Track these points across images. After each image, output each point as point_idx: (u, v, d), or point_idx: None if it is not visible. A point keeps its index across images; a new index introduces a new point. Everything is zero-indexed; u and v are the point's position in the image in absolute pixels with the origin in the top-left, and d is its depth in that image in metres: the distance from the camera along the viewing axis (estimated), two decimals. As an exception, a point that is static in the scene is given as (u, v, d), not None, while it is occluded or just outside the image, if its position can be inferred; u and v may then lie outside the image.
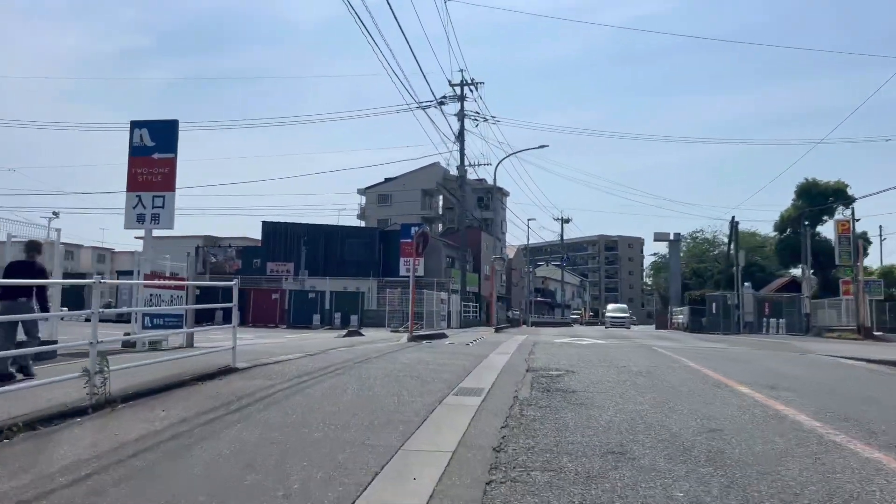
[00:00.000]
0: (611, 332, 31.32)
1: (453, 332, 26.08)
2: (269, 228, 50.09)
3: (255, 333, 23.67)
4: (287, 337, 21.35)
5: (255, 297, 31.45)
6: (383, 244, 50.94)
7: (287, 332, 28.11)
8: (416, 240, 19.44)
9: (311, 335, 24.25)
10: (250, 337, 20.71)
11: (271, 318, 31.21)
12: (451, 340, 19.77)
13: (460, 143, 39.72)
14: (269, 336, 22.30)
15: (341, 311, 31.23)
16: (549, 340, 20.16)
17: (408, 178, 69.55)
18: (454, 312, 32.91)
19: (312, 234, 49.65)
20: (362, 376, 8.97)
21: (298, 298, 31.52)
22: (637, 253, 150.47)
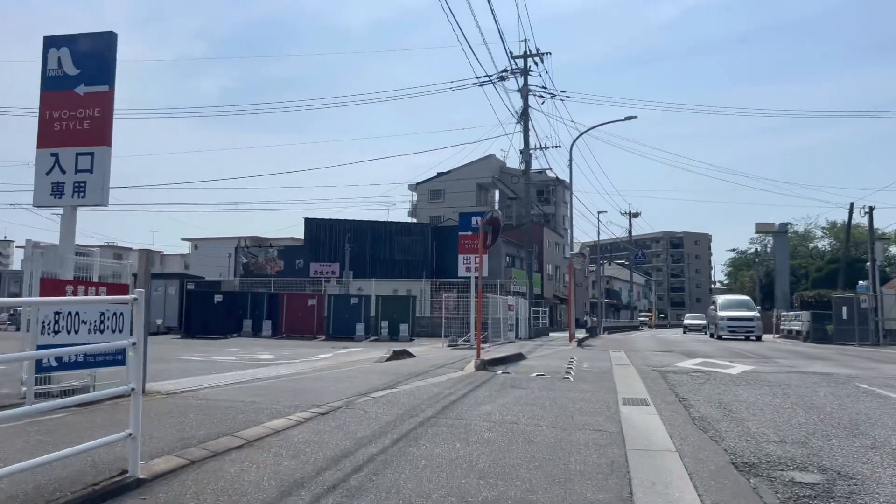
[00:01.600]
0: (732, 346, 24.26)
1: (527, 348, 20.85)
2: (313, 226, 45.82)
3: (282, 349, 19.02)
4: (317, 358, 16.60)
5: (290, 302, 26.90)
6: (436, 242, 46.09)
7: (324, 344, 23.41)
8: (484, 227, 14.34)
9: (351, 351, 19.43)
10: (269, 357, 16.00)
11: (308, 327, 26.59)
12: (533, 363, 14.58)
13: (524, 123, 34.52)
14: (297, 353, 17.58)
15: (389, 318, 26.41)
16: (670, 365, 14.77)
17: (462, 171, 64.43)
18: (522, 320, 27.67)
19: (358, 232, 45.14)
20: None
21: (339, 304, 26.80)
22: (704, 250, 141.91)
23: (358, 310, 26.73)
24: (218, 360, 14.73)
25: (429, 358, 15.53)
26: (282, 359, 15.60)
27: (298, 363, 14.16)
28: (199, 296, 25.59)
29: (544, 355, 17.32)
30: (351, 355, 17.01)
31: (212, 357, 15.72)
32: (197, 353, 16.72)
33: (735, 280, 70.12)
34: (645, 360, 16.03)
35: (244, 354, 16.97)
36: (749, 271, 62.73)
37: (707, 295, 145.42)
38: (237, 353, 17.64)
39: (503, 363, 13.98)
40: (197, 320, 25.10)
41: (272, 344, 22.82)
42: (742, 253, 72.63)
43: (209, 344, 22.00)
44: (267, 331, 26.61)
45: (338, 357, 16.50)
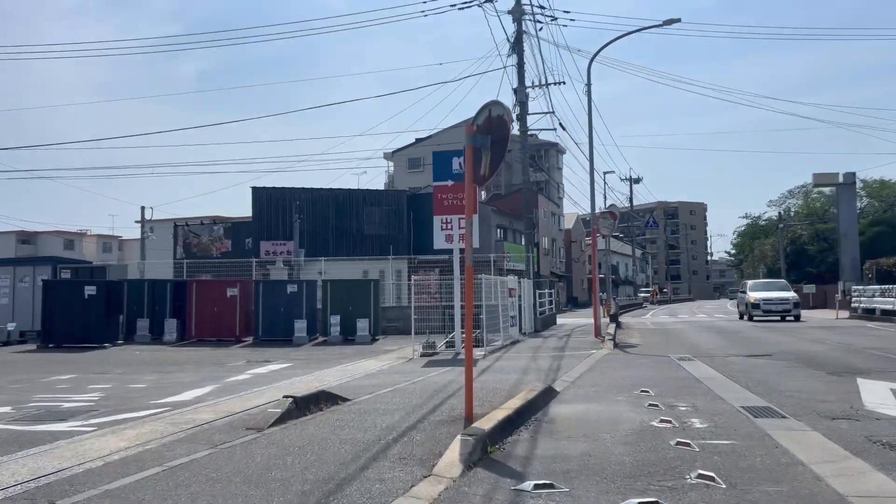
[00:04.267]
0: (779, 331, 17.43)
1: (544, 360, 13.39)
2: (262, 197, 37.98)
3: (145, 374, 11.44)
4: (198, 394, 9.10)
5: (202, 293, 19.18)
6: (413, 212, 38.48)
7: (241, 354, 15.80)
8: (478, 140, 6.76)
9: (259, 375, 11.94)
10: (73, 405, 8.38)
11: (227, 327, 18.96)
12: (586, 427, 7.03)
13: (517, 54, 26.75)
14: (162, 385, 10.01)
15: (342, 311, 18.86)
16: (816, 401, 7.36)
17: (443, 136, 56.57)
18: (526, 308, 20.17)
19: (317, 202, 37.39)
20: None
21: (272, 294, 19.16)
22: (699, 220, 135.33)
23: (297, 301, 19.10)
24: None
25: (374, 404, 8.02)
26: (89, 412, 7.99)
27: (151, 426, 6.56)
28: (63, 288, 17.84)
29: (591, 390, 9.82)
30: (232, 399, 9.38)
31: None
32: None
33: (747, 251, 62.95)
34: (807, 400, 8.57)
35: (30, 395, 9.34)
36: (769, 239, 55.61)
37: (703, 267, 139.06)
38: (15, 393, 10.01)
39: (515, 428, 6.46)
40: (60, 323, 17.35)
41: (161, 358, 15.14)
42: (754, 219, 65.39)
43: (58, 363, 14.31)
44: (170, 334, 18.93)
45: (211, 405, 8.93)
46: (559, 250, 60.31)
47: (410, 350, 14.70)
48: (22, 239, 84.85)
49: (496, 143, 7.09)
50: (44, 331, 17.49)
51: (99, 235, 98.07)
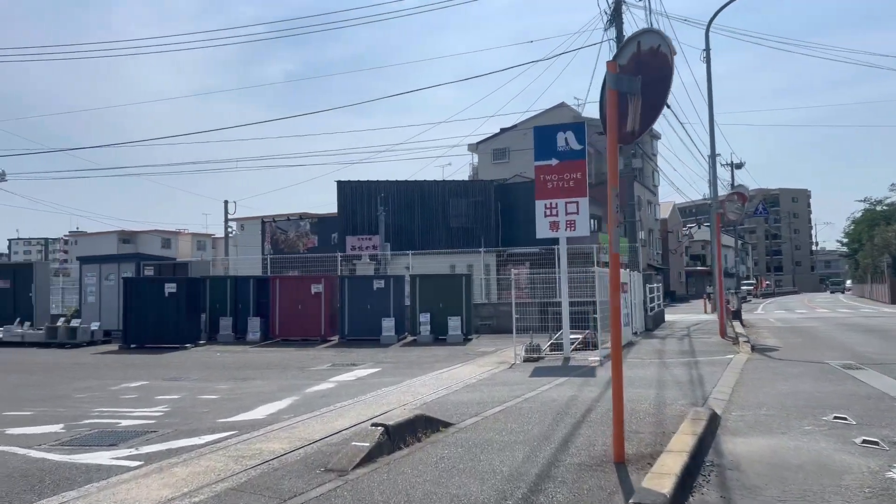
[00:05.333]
0: None
1: (678, 370, 11.36)
2: (347, 190, 37.05)
3: (227, 380, 10.21)
4: (273, 410, 7.74)
5: (285, 290, 18.08)
6: (501, 204, 36.70)
7: (325, 356, 14.51)
8: (624, 83, 4.92)
9: (344, 383, 10.51)
10: (135, 417, 7.07)
11: (312, 326, 17.78)
12: (755, 450, 5.08)
13: (616, 26, 24.51)
14: (240, 394, 8.71)
15: (432, 308, 17.33)
16: None
17: (528, 124, 54.49)
18: (636, 304, 18.00)
19: (402, 195, 36.14)
20: None
21: (358, 291, 17.85)
22: (802, 208, 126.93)
23: (385, 298, 17.69)
24: None
25: (484, 433, 6.38)
26: (153, 428, 6.69)
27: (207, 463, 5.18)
28: (143, 286, 17.09)
29: (761, 414, 7.80)
30: (312, 419, 7.90)
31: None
32: (35, 405, 8.06)
33: (864, 239, 57.33)
34: None
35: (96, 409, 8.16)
36: (893, 226, 50.31)
37: (807, 258, 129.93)
38: (94, 399, 8.86)
39: (694, 481, 4.57)
40: (140, 323, 16.59)
41: (242, 361, 14.03)
42: (874, 204, 59.54)
43: (133, 366, 13.41)
44: (254, 333, 17.94)
45: (286, 428, 7.46)
46: (656, 241, 57.03)
47: (511, 353, 12.94)
48: (123, 238, 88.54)
49: (650, 85, 5.22)
50: (125, 330, 16.81)
51: (193, 234, 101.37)
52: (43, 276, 21.02)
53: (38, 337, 17.21)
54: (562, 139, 12.54)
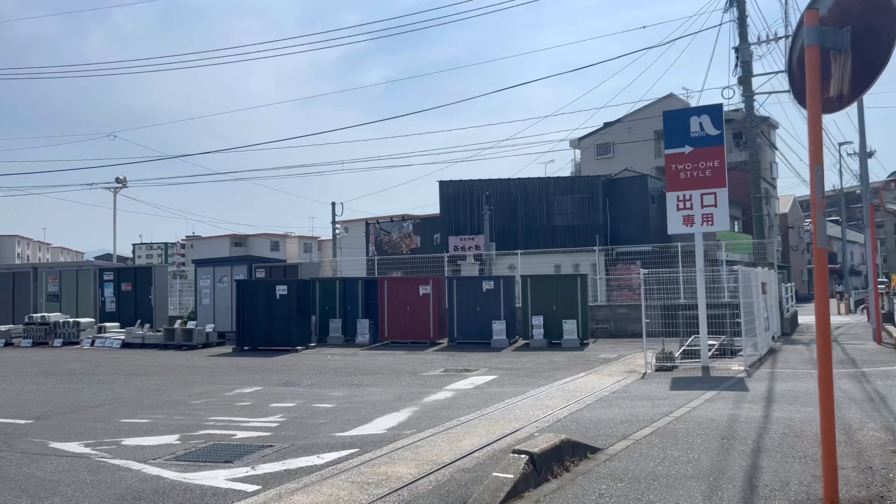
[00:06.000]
0: None
1: (843, 386, 9.88)
2: (449, 190, 36.63)
3: (339, 385, 9.76)
4: (393, 423, 7.15)
5: (393, 292, 17.67)
6: (609, 200, 35.14)
7: (436, 360, 13.91)
8: (827, 40, 3.89)
9: (461, 392, 9.79)
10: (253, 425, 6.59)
11: (421, 328, 17.28)
12: None
13: (737, 5, 22.73)
14: (353, 402, 8.21)
15: (545, 311, 16.40)
16: None
17: (635, 117, 52.36)
18: (773, 306, 16.32)
19: (505, 193, 35.29)
20: None
21: (466, 292, 17.19)
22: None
23: (495, 300, 16.93)
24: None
25: (642, 462, 5.50)
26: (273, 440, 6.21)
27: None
28: (255, 288, 17.11)
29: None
30: (436, 435, 7.19)
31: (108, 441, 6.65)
32: (151, 413, 7.85)
33: None
34: None
35: (213, 417, 7.80)
36: None
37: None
38: (211, 402, 8.54)
39: None
40: (252, 325, 16.61)
41: (353, 365, 13.65)
42: None
43: (246, 370, 13.29)
44: (363, 335, 17.64)
45: (410, 447, 6.80)
46: (776, 237, 53.34)
47: (637, 361, 11.86)
48: (235, 242, 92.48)
49: (865, 35, 4.14)
50: (238, 333, 16.88)
51: (300, 237, 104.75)
52: (161, 279, 21.67)
53: (156, 339, 17.61)
54: (695, 124, 11.33)
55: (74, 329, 18.53)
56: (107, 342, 17.98)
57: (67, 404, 9.23)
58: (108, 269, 22.28)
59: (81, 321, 18.83)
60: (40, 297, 21.63)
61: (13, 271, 23.04)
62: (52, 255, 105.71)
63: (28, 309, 21.06)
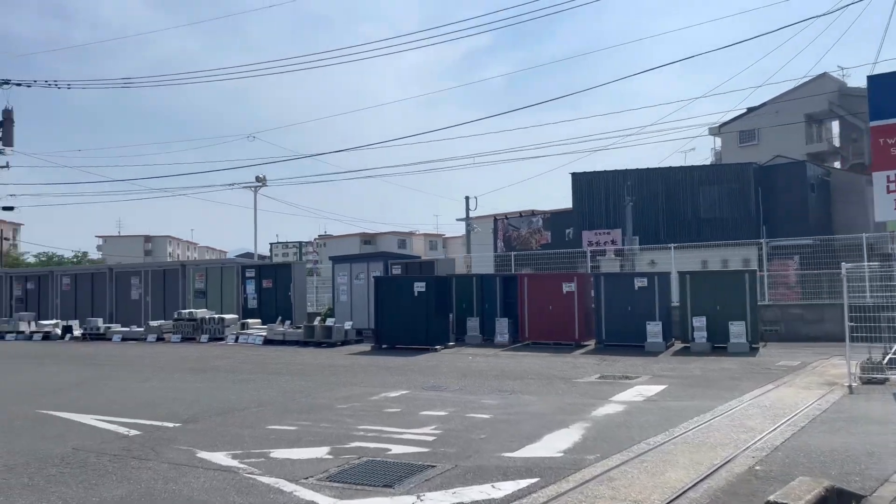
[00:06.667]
0: None
1: None
2: (582, 182, 35.01)
3: (505, 392, 8.85)
4: (566, 443, 6.14)
5: (534, 289, 16.59)
6: (762, 190, 32.18)
7: (587, 365, 12.72)
8: None
9: (644, 402, 8.57)
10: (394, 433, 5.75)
11: (565, 328, 16.09)
12: None
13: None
14: (534, 417, 7.27)
15: (707, 311, 14.71)
16: None
17: (783, 99, 48.09)
18: None
19: (644, 184, 33.18)
20: None
21: (615, 290, 15.82)
22: None
23: (648, 299, 15.42)
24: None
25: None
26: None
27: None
28: (393, 285, 16.58)
29: None
30: (629, 464, 5.99)
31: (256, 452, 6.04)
32: (297, 418, 7.30)
33: None
34: None
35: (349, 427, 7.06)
36: None
37: None
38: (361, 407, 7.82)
39: None
40: (389, 323, 16.10)
41: (498, 367, 12.73)
42: None
43: (388, 370, 12.70)
44: (502, 335, 16.69)
45: (603, 480, 5.68)
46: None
47: (835, 371, 10.07)
48: (364, 240, 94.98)
49: None
50: (376, 330, 16.45)
51: (425, 234, 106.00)
52: (300, 276, 21.81)
53: (297, 336, 17.55)
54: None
55: (219, 325, 18.89)
56: (249, 339, 18.16)
57: (214, 406, 8.90)
58: (250, 266, 22.76)
59: (226, 317, 19.18)
60: (188, 294, 22.41)
61: (164, 268, 24.09)
62: (198, 254, 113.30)
63: (177, 305, 21.86)
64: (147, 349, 17.59)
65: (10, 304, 25.42)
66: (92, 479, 5.47)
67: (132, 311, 23.06)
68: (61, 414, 8.34)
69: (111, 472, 5.64)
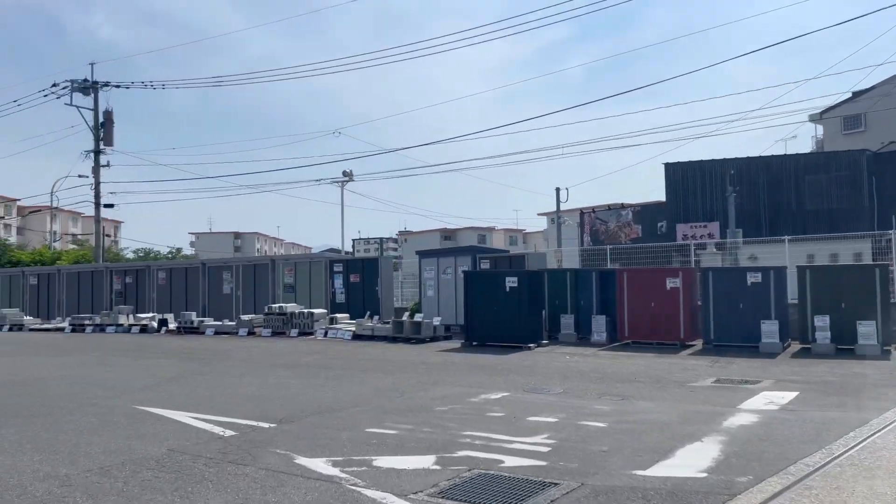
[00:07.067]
0: None
1: None
2: (676, 173, 33.35)
3: (615, 396, 8.11)
4: (706, 459, 5.37)
5: (633, 284, 15.59)
6: (875, 178, 29.73)
7: (698, 367, 11.73)
8: None
9: (778, 411, 7.59)
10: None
11: (668, 327, 15.03)
12: None
13: None
14: (656, 426, 6.52)
15: (830, 308, 13.35)
16: None
17: (893, 83, 44.53)
18: None
19: (745, 174, 31.24)
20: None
21: (725, 285, 14.65)
22: None
23: (763, 295, 14.19)
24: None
25: None
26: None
27: None
28: (483, 280, 15.96)
29: None
30: (803, 487, 5.07)
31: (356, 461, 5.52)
32: (396, 420, 6.80)
33: None
34: None
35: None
36: None
37: None
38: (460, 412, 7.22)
39: None
40: (479, 319, 15.49)
41: (600, 369, 11.92)
42: None
43: (482, 369, 12.10)
44: (599, 334, 15.79)
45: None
46: None
47: None
48: (444, 235, 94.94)
49: None
50: (466, 327, 15.88)
51: (505, 229, 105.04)
52: (387, 271, 21.52)
53: (385, 331, 17.21)
54: None
55: (308, 320, 18.80)
56: (338, 334, 17.96)
57: (309, 405, 8.51)
58: (337, 260, 22.67)
59: (315, 312, 19.08)
60: (277, 288, 22.52)
61: (254, 263, 24.35)
62: (283, 250, 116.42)
63: (267, 299, 21.99)
64: (239, 343, 17.65)
65: (110, 297, 26.36)
66: (188, 485, 5.09)
67: (223, 304, 23.41)
68: (156, 410, 8.15)
69: (207, 479, 5.25)
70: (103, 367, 13.31)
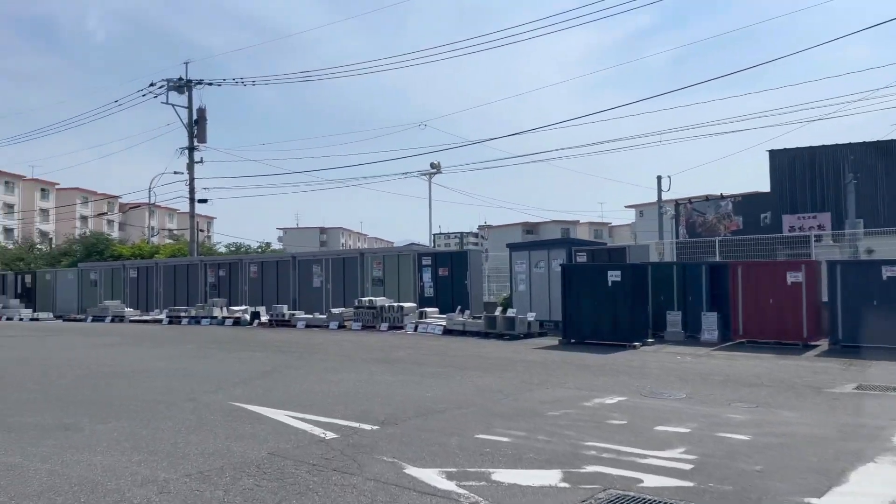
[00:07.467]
0: None
1: None
2: (782, 161, 31.16)
3: (747, 404, 7.21)
4: (873, 499, 4.45)
5: (749, 279, 14.34)
6: None
7: (839, 379, 10.53)
8: None
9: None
10: None
11: (789, 326, 13.72)
12: None
13: None
14: (806, 440, 5.62)
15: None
16: None
17: None
18: None
19: (861, 161, 28.79)
20: None
21: (855, 279, 13.25)
22: None
23: (892, 287, 12.71)
24: None
25: None
26: None
27: None
28: (582, 274, 15.03)
29: None
30: None
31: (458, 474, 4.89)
32: (506, 425, 6.17)
33: None
34: None
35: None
36: None
37: None
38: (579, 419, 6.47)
39: None
40: (578, 315, 14.63)
41: (716, 371, 10.90)
42: None
43: (588, 369, 11.30)
44: (710, 332, 14.65)
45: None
46: None
47: None
48: (526, 229, 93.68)
49: None
50: (564, 323, 15.06)
51: (590, 223, 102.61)
52: (476, 264, 20.94)
53: (477, 326, 16.61)
54: None
55: (398, 313, 18.44)
56: (428, 328, 17.52)
57: (409, 405, 7.98)
58: (426, 254, 22.26)
59: (405, 306, 18.70)
60: (366, 282, 22.33)
61: (343, 257, 24.27)
62: (367, 244, 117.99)
63: (356, 292, 21.82)
64: (330, 336, 17.47)
65: (204, 290, 26.95)
66: (291, 496, 4.60)
67: (313, 297, 23.44)
68: (253, 408, 7.80)
69: (312, 489, 4.75)
70: (199, 359, 13.30)
